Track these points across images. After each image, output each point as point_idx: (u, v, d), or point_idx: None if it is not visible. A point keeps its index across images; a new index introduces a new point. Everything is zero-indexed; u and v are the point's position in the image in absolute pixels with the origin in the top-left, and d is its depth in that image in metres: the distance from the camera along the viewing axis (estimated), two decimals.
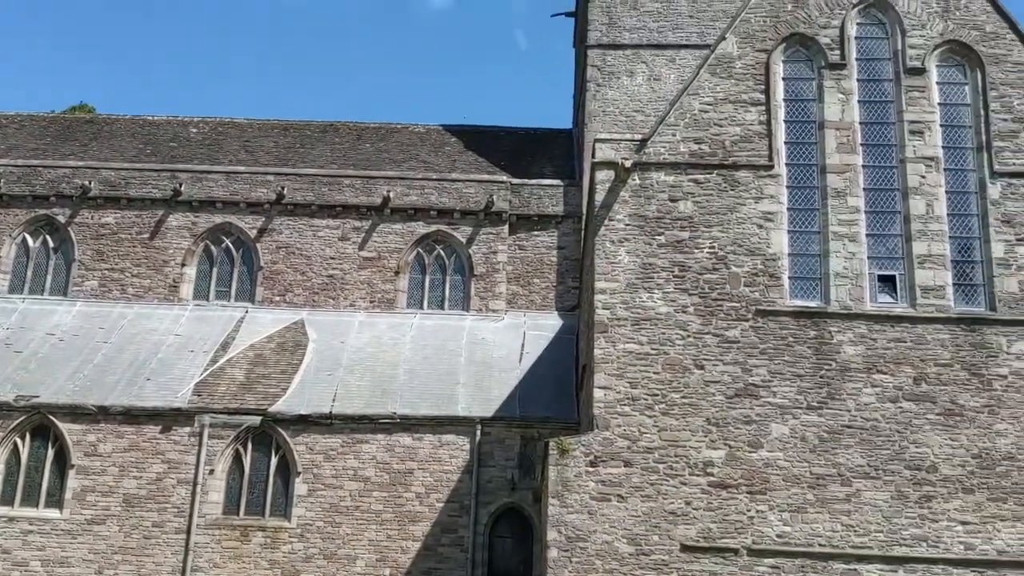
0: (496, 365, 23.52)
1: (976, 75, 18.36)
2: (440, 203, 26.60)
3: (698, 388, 16.99)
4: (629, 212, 18.05)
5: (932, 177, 17.93)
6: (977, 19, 18.50)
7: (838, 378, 16.90)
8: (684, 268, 17.70)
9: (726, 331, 17.29)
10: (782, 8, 18.79)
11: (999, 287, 17.22)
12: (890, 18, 18.69)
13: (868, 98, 18.52)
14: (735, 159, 18.17)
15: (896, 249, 17.79)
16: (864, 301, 17.38)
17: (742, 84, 18.51)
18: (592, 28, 28.07)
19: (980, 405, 16.61)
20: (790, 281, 17.65)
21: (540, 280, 26.43)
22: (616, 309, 17.53)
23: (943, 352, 16.90)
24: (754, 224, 17.84)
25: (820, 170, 18.15)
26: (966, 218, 17.83)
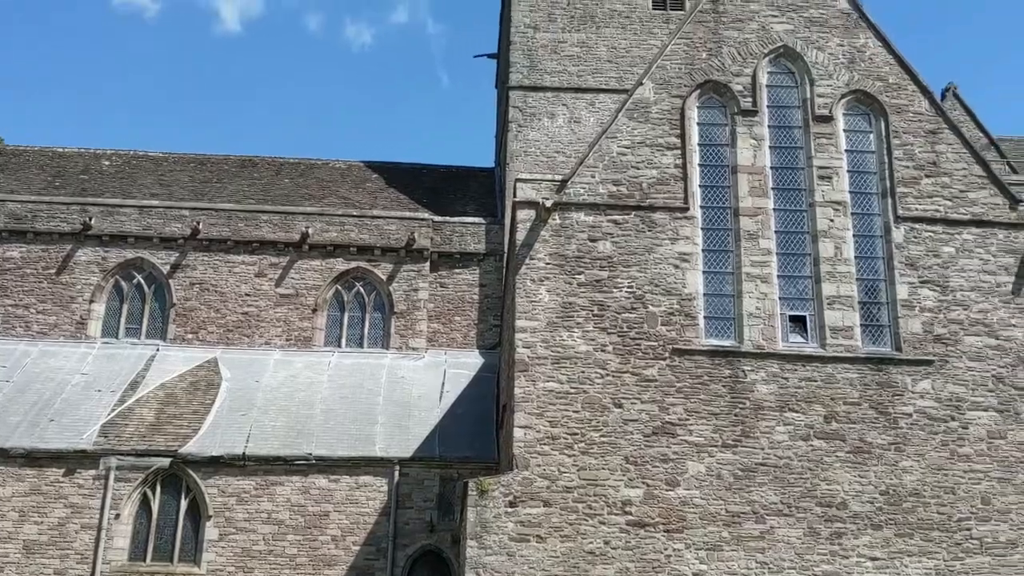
0: (416, 404, 23.29)
1: (880, 123, 19.12)
2: (360, 240, 26.40)
3: (617, 427, 17.10)
4: (550, 251, 18.18)
5: (840, 221, 18.53)
6: (881, 70, 19.34)
7: (752, 416, 17.22)
8: (603, 307, 17.87)
9: (644, 370, 17.47)
10: (697, 56, 19.34)
11: (904, 328, 17.83)
12: (799, 68, 19.39)
13: (779, 144, 19.10)
14: (652, 201, 18.51)
15: (806, 290, 18.29)
16: (776, 341, 17.79)
17: (658, 128, 18.92)
18: (514, 70, 28.44)
19: (887, 443, 17.09)
20: (705, 321, 17.96)
21: (461, 318, 26.37)
22: (537, 348, 17.58)
23: (852, 391, 17.38)
24: (671, 264, 18.15)
25: (733, 213, 18.60)
26: (872, 261, 18.45)
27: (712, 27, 19.49)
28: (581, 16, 28.85)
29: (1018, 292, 17.97)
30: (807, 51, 19.33)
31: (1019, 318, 17.82)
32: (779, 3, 19.64)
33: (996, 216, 18.42)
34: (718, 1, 19.67)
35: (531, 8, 28.90)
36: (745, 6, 19.62)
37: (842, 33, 19.47)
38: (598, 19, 28.82)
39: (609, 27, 28.73)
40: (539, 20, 28.79)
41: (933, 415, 17.24)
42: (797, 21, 19.54)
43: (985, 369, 17.53)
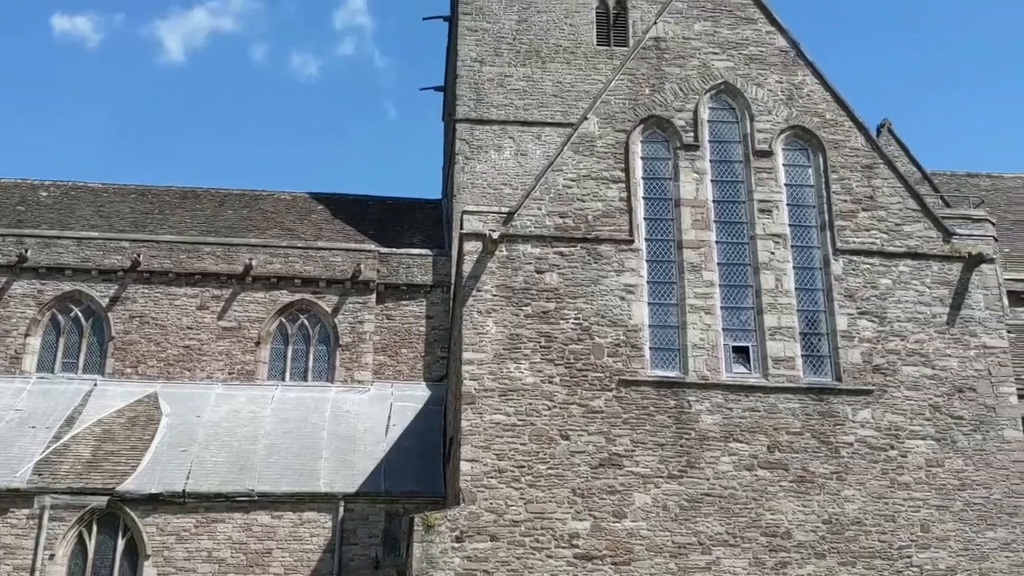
0: (361, 438, 23.00)
1: (818, 158, 19.58)
2: (305, 272, 26.15)
3: (564, 459, 17.08)
4: (496, 283, 18.20)
5: (780, 253, 18.88)
6: (818, 107, 19.85)
7: (697, 447, 17.34)
8: (550, 339, 17.91)
9: (591, 401, 17.51)
10: (640, 92, 19.66)
11: (843, 358, 18.16)
12: (739, 104, 19.81)
13: (720, 178, 19.44)
14: (598, 233, 18.68)
15: (749, 321, 18.55)
16: (720, 371, 17.98)
17: (603, 162, 19.15)
18: (460, 103, 28.60)
19: (829, 472, 17.33)
20: (651, 352, 18.10)
21: (408, 350, 26.20)
22: (484, 380, 17.52)
23: (794, 421, 17.62)
24: (616, 296, 18.29)
25: (677, 245, 18.84)
26: (812, 292, 18.79)
27: (655, 64, 19.85)
28: (527, 51, 29.18)
29: (952, 323, 18.45)
30: (747, 88, 19.77)
31: (954, 348, 18.28)
32: (719, 41, 20.10)
33: (930, 249, 18.93)
34: (660, 39, 20.06)
35: (477, 43, 29.16)
36: (686, 43, 20.03)
37: (780, 70, 19.96)
38: (543, 54, 29.18)
39: (555, 62, 29.10)
40: (485, 54, 29.05)
41: (873, 444, 17.55)
42: (737, 58, 19.99)
43: (922, 398, 17.91)
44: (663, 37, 20.07)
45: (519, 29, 29.41)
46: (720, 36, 20.12)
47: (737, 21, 20.27)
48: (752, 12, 20.37)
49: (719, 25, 20.21)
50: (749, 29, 20.21)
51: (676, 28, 20.14)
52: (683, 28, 20.14)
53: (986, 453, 17.61)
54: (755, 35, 20.18)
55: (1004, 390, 18.09)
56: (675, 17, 20.25)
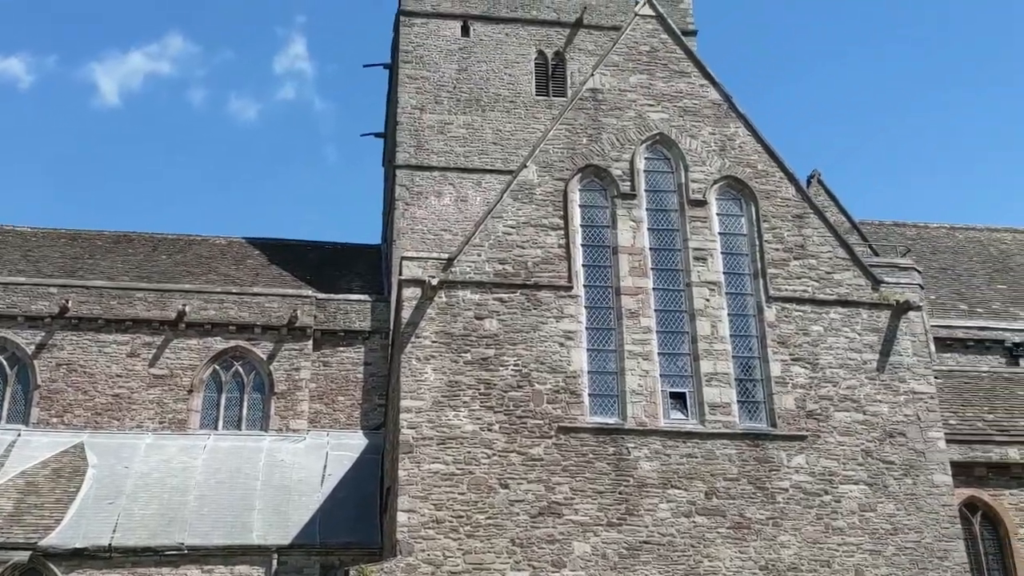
0: (296, 489, 22.52)
1: (751, 208, 20.03)
2: (240, 318, 25.75)
3: (503, 508, 16.92)
4: (436, 329, 18.12)
5: (715, 300, 19.17)
6: (750, 158, 20.35)
7: (636, 494, 17.34)
8: (490, 386, 17.83)
9: (530, 449, 17.44)
10: (578, 141, 19.96)
11: (778, 404, 18.41)
12: (674, 154, 20.22)
13: (657, 226, 19.74)
14: (537, 279, 18.76)
15: (686, 367, 18.72)
16: (658, 418, 18.07)
17: (542, 209, 19.32)
18: (400, 150, 28.71)
19: (765, 518, 17.46)
20: (590, 398, 18.12)
21: (345, 398, 25.88)
22: (422, 428, 17.34)
23: (731, 467, 17.76)
24: (556, 342, 18.34)
25: (615, 292, 19.01)
26: (747, 339, 19.07)
27: (592, 114, 20.19)
28: (467, 99, 29.48)
29: (882, 369, 18.88)
30: (681, 139, 20.20)
31: (884, 394, 18.69)
32: (655, 93, 20.55)
33: (860, 296, 19.42)
34: (597, 90, 20.44)
35: (417, 90, 29.39)
36: (623, 95, 20.44)
37: (714, 122, 20.47)
38: (484, 103, 29.51)
39: (495, 110, 29.44)
40: (425, 102, 29.27)
41: (808, 489, 17.76)
42: (672, 110, 20.45)
43: (855, 443, 18.22)
44: (600, 89, 20.45)
45: (459, 78, 29.74)
46: (655, 88, 20.58)
47: (671, 74, 20.77)
48: (686, 66, 20.91)
49: (654, 78, 20.68)
50: (683, 82, 20.72)
51: (612, 80, 20.55)
52: (619, 80, 20.56)
53: (916, 497, 17.94)
54: (689, 88, 20.69)
55: (933, 435, 18.51)
56: (611, 69, 20.68)
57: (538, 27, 30.80)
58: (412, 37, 30.15)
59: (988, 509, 20.05)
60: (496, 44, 30.47)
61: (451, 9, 30.68)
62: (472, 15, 30.70)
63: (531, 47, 30.63)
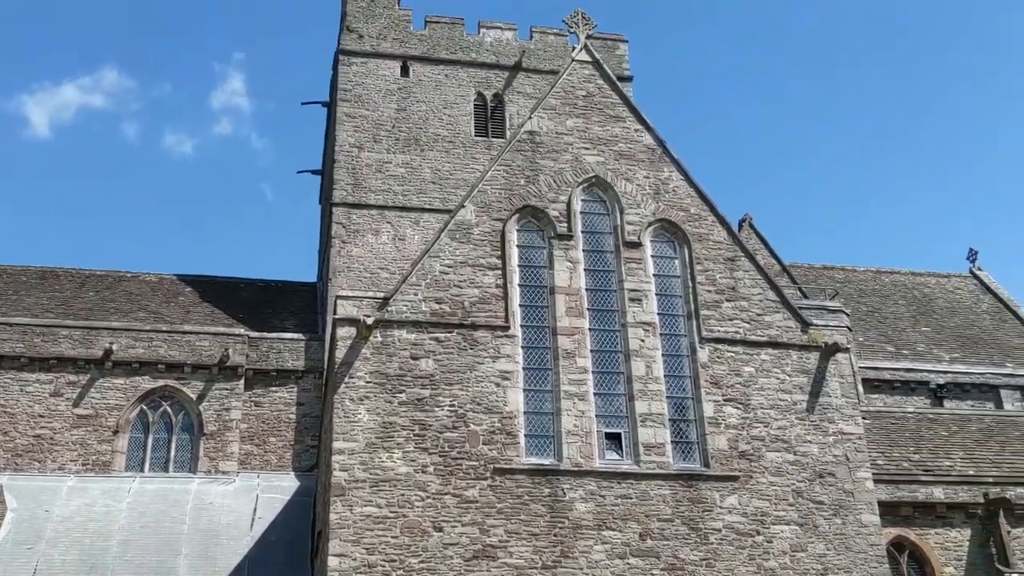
0: (224, 532, 21.92)
1: (684, 250, 20.34)
2: (169, 356, 25.16)
3: (437, 551, 16.69)
4: (370, 370, 17.92)
5: (650, 341, 19.35)
6: (683, 201, 20.72)
7: (571, 536, 17.26)
8: (425, 427, 17.66)
9: (465, 491, 17.26)
10: (515, 182, 20.10)
11: (711, 444, 18.57)
12: (610, 197, 20.49)
13: (593, 267, 19.91)
14: (474, 319, 18.73)
15: (621, 408, 18.79)
16: (593, 458, 18.07)
17: (480, 249, 19.35)
18: (338, 187, 28.58)
19: (699, 559, 17.50)
20: (526, 439, 18.05)
21: (277, 439, 25.37)
22: (355, 470, 17.06)
23: (665, 507, 17.80)
24: (492, 383, 18.27)
25: (552, 332, 19.06)
26: (681, 379, 19.24)
27: (530, 156, 20.38)
28: (406, 139, 29.55)
29: (812, 410, 19.21)
30: (617, 182, 20.49)
31: (814, 434, 18.99)
32: (591, 137, 20.85)
33: (790, 338, 19.79)
34: (535, 132, 20.67)
35: (356, 129, 29.36)
36: (560, 138, 20.70)
37: (648, 166, 20.83)
38: (422, 142, 29.61)
39: (433, 150, 29.55)
40: (364, 140, 29.25)
41: (740, 530, 17.88)
42: (607, 154, 20.76)
43: (786, 484, 18.45)
44: (537, 131, 20.68)
45: (398, 117, 29.82)
46: (591, 132, 20.89)
47: (607, 119, 21.12)
48: (621, 111, 21.29)
49: (590, 122, 21.00)
50: (619, 127, 21.08)
51: (550, 123, 20.81)
52: (556, 124, 20.83)
53: (846, 537, 18.20)
54: (624, 132, 21.05)
55: (861, 475, 18.84)
56: (549, 113, 20.95)
57: (478, 69, 31.13)
58: (351, 76, 30.18)
59: (915, 548, 20.46)
60: (435, 85, 30.68)
61: (391, 49, 30.84)
62: (412, 56, 30.90)
63: (470, 88, 30.91)
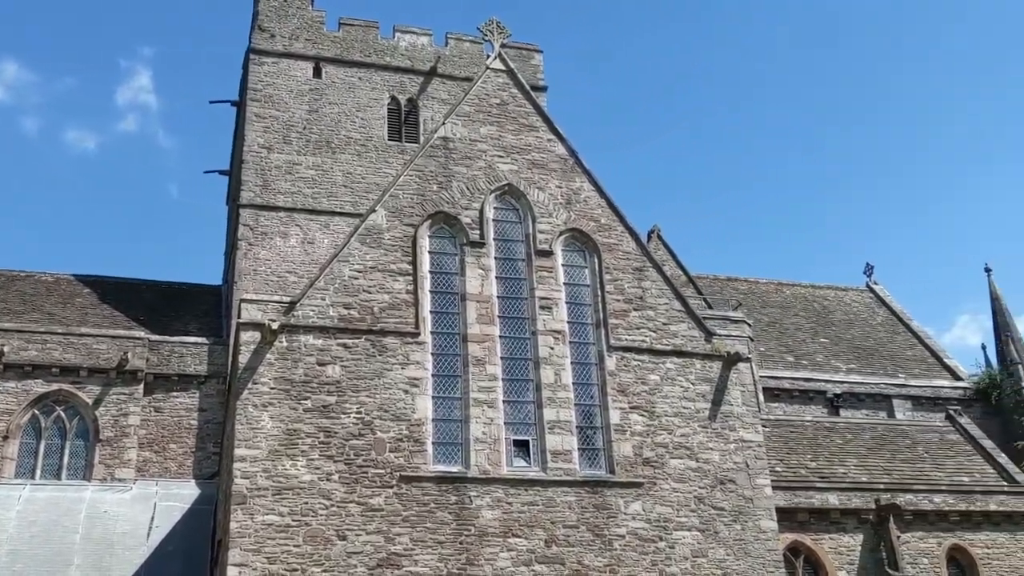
0: (119, 542, 21.20)
1: (594, 260, 20.58)
2: (64, 360, 24.20)
3: (340, 560, 16.45)
4: (275, 375, 17.58)
5: (559, 349, 19.50)
6: (594, 212, 20.97)
7: (477, 543, 17.24)
8: (330, 434, 17.41)
9: (371, 499, 17.08)
10: (428, 188, 20.03)
11: (616, 451, 18.80)
12: (522, 205, 20.60)
13: (504, 274, 19.98)
14: (383, 325, 18.56)
15: (529, 415, 18.87)
16: (501, 466, 18.09)
17: (391, 254, 19.20)
18: (245, 188, 27.98)
19: (603, 565, 17.69)
20: (433, 446, 17.96)
21: (177, 445, 24.66)
22: (257, 478, 16.70)
23: (570, 514, 17.94)
24: (400, 390, 18.14)
25: (462, 339, 19.04)
26: (588, 387, 19.45)
27: (443, 162, 20.34)
28: (317, 141, 29.14)
29: (714, 418, 19.65)
30: (529, 190, 20.62)
31: (715, 442, 19.42)
32: (504, 145, 20.94)
33: (694, 348, 20.21)
34: (448, 139, 20.64)
35: (265, 129, 28.82)
36: (473, 145, 20.71)
37: (560, 176, 21.02)
38: (334, 145, 29.24)
39: (345, 153, 29.21)
40: (273, 141, 28.73)
41: (644, 536, 18.14)
42: (520, 162, 20.87)
43: (688, 490, 18.80)
44: (451, 137, 20.66)
45: (309, 119, 29.39)
46: (505, 140, 20.98)
47: (521, 128, 21.25)
48: (534, 120, 21.44)
49: (504, 130, 21.09)
50: (532, 136, 21.22)
51: (463, 130, 20.82)
52: (470, 131, 20.85)
53: (745, 543, 18.65)
54: (537, 142, 21.21)
55: (760, 482, 19.35)
56: (462, 119, 20.96)
57: (392, 73, 30.94)
58: (262, 76, 29.63)
59: (810, 553, 21.11)
60: (349, 87, 30.35)
61: (303, 50, 30.39)
62: (324, 57, 30.51)
63: (384, 92, 30.69)
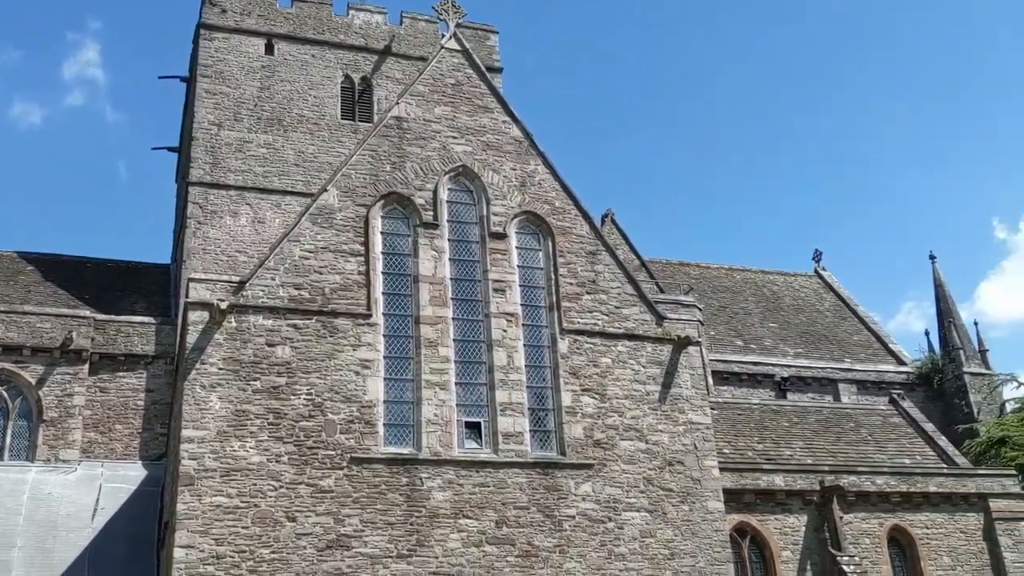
0: (63, 524, 20.82)
1: (548, 243, 20.60)
2: (7, 338, 23.66)
3: (289, 542, 16.36)
4: (223, 356, 17.36)
5: (512, 331, 19.52)
6: (548, 195, 20.97)
7: (428, 525, 17.26)
8: (280, 415, 17.26)
9: (320, 480, 16.99)
10: (381, 168, 19.86)
11: (568, 433, 18.92)
12: (477, 187, 20.52)
13: (458, 257, 19.91)
14: (334, 307, 18.41)
15: (481, 397, 18.90)
16: (453, 448, 18.11)
17: (343, 235, 19.03)
18: (195, 166, 27.49)
19: (552, 545, 17.83)
20: (385, 428, 17.91)
21: (124, 426, 24.28)
22: (204, 459, 16.51)
23: (521, 495, 18.03)
24: (352, 371, 18.03)
25: (415, 321, 18.97)
26: (541, 369, 19.52)
27: (396, 142, 20.17)
28: (268, 118, 28.70)
29: (664, 400, 19.86)
30: (484, 172, 20.54)
31: (665, 424, 19.64)
32: (459, 126, 20.81)
33: (645, 331, 20.37)
34: (402, 119, 20.46)
35: (216, 106, 28.31)
36: (427, 126, 20.57)
37: (515, 158, 20.97)
38: (286, 123, 28.83)
39: (297, 132, 28.82)
40: (224, 118, 28.23)
41: (593, 517, 18.31)
42: (475, 144, 20.78)
43: (637, 472, 19.00)
44: (405, 117, 20.49)
45: (261, 96, 28.93)
46: (459, 121, 20.86)
47: (475, 109, 21.13)
48: (489, 101, 21.34)
49: (458, 111, 20.96)
50: (486, 117, 21.13)
51: (417, 110, 20.65)
52: (424, 111, 20.69)
53: (692, 523, 18.92)
54: (492, 123, 21.12)
55: (708, 463, 19.62)
56: (416, 99, 20.78)
57: (346, 51, 30.57)
58: (212, 51, 29.07)
59: (756, 533, 21.51)
60: (301, 65, 29.92)
61: (255, 26, 29.86)
62: (277, 34, 30.02)
63: (338, 70, 30.31)
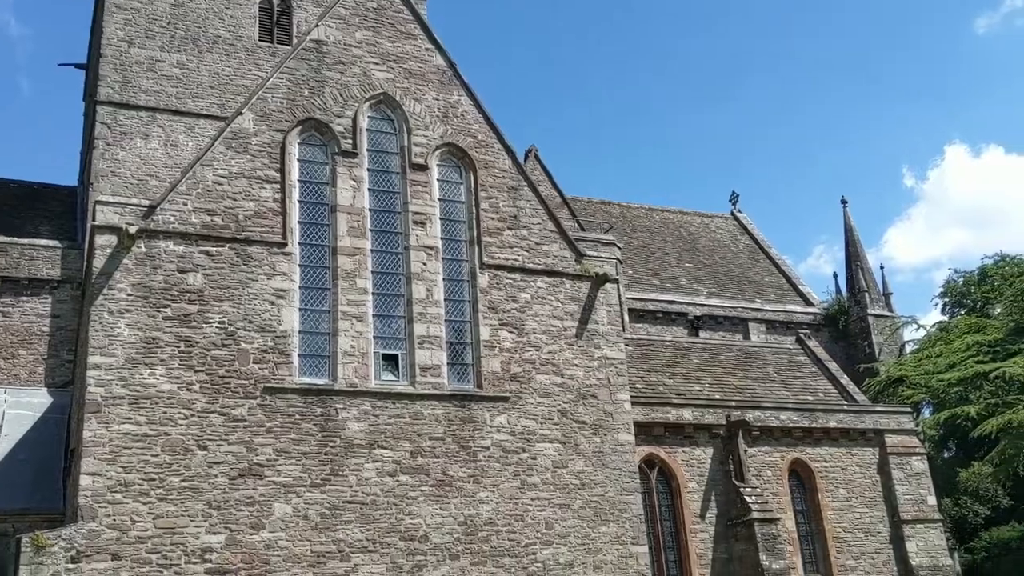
0: None
1: (470, 176, 20.44)
2: None
3: (200, 470, 16.20)
4: (132, 282, 16.89)
5: (432, 265, 19.43)
6: (471, 127, 20.73)
7: (342, 455, 17.28)
8: (191, 343, 16.94)
9: (233, 409, 16.81)
10: (299, 93, 19.30)
11: (485, 366, 19.06)
12: (398, 116, 20.15)
13: (377, 187, 19.61)
14: (248, 234, 18.02)
15: (399, 330, 18.86)
16: (369, 379, 18.08)
17: (257, 160, 18.53)
18: (103, 84, 26.28)
19: (467, 475, 18.08)
20: (300, 359, 17.76)
21: (28, 352, 23.54)
22: (112, 387, 16.14)
23: (437, 427, 18.18)
24: (266, 301, 17.75)
25: (332, 251, 18.71)
26: (460, 303, 19.53)
27: (315, 66, 19.60)
28: (183, 37, 27.51)
29: (580, 336, 20.11)
30: (406, 101, 20.16)
31: (580, 359, 19.93)
32: (381, 52, 20.32)
33: (564, 268, 20.51)
34: (321, 42, 19.86)
35: (126, 21, 26.97)
36: (348, 50, 20.02)
37: (438, 88, 20.62)
38: (201, 43, 27.69)
39: (212, 52, 27.72)
40: (135, 35, 26.96)
41: (507, 448, 18.60)
42: (397, 71, 20.33)
43: (552, 404, 19.31)
44: (324, 41, 19.89)
45: (175, 14, 27.67)
46: (381, 48, 20.36)
47: (398, 35, 20.64)
48: (413, 28, 20.85)
49: (380, 36, 20.44)
50: (409, 44, 20.66)
51: (338, 34, 20.06)
52: (345, 35, 20.11)
53: (603, 455, 19.38)
54: (415, 51, 20.67)
55: (620, 397, 20.04)
56: (337, 23, 20.17)
57: None
58: None
59: (664, 465, 22.18)
60: None
61: None
62: None
63: None
